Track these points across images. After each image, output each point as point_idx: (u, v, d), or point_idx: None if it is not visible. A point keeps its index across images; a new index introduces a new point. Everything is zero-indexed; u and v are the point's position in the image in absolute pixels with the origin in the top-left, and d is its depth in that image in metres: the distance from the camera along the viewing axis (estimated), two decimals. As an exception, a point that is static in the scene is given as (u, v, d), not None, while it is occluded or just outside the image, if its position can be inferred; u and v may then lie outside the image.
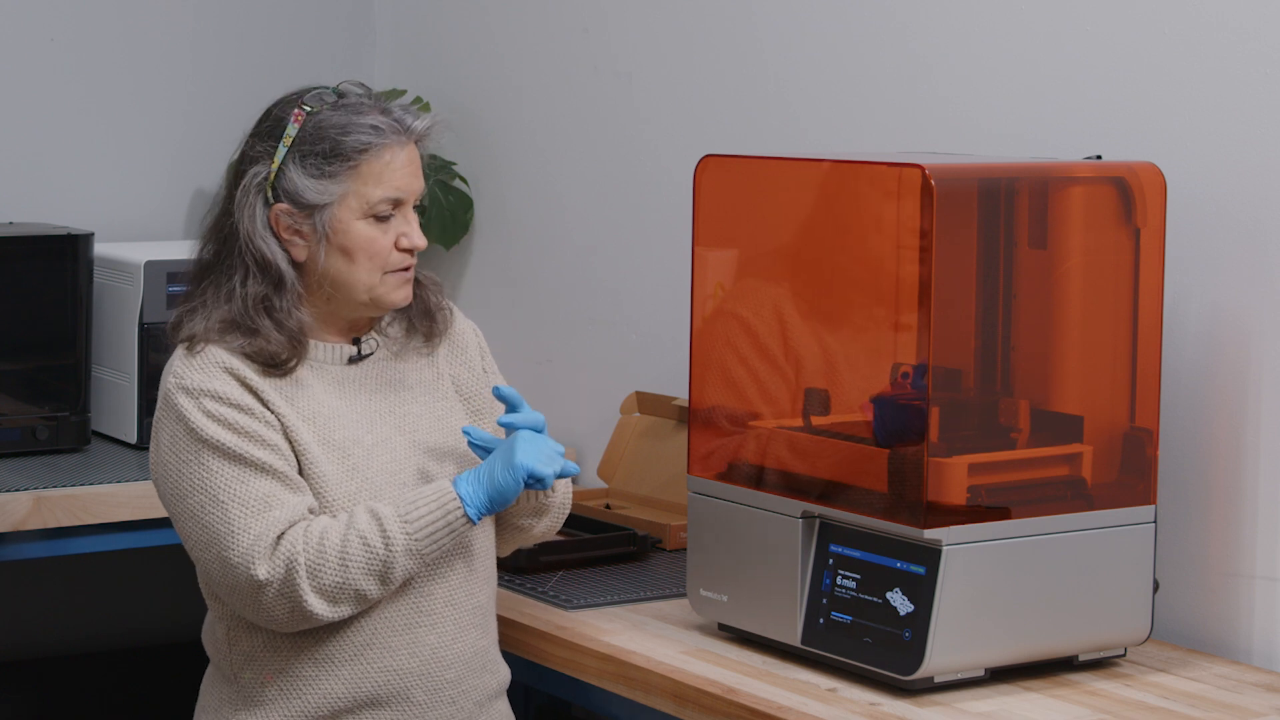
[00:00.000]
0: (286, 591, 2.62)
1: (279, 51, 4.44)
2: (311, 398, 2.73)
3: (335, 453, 2.71)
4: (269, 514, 2.63)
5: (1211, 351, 2.93)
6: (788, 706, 2.63)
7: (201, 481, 2.65)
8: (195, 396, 2.67)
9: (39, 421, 3.74)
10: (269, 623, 2.66)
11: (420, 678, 2.74)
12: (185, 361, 2.70)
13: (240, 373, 2.68)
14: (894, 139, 3.35)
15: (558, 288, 4.09)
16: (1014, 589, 2.71)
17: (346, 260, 2.71)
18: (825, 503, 2.79)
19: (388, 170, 2.70)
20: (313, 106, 2.72)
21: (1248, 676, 2.81)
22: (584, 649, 2.90)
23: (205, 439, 2.65)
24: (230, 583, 2.63)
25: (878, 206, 2.79)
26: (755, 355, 2.94)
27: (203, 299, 2.73)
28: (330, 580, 2.63)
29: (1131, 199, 2.82)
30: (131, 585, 4.39)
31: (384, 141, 2.69)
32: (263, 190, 2.71)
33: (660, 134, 3.83)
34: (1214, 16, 2.90)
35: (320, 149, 2.69)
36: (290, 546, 2.62)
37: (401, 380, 2.82)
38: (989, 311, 2.80)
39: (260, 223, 2.71)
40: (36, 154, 4.19)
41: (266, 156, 2.72)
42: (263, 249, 2.70)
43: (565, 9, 4.03)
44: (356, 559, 2.63)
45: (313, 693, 2.71)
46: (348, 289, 2.72)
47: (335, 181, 2.68)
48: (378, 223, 2.71)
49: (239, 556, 2.61)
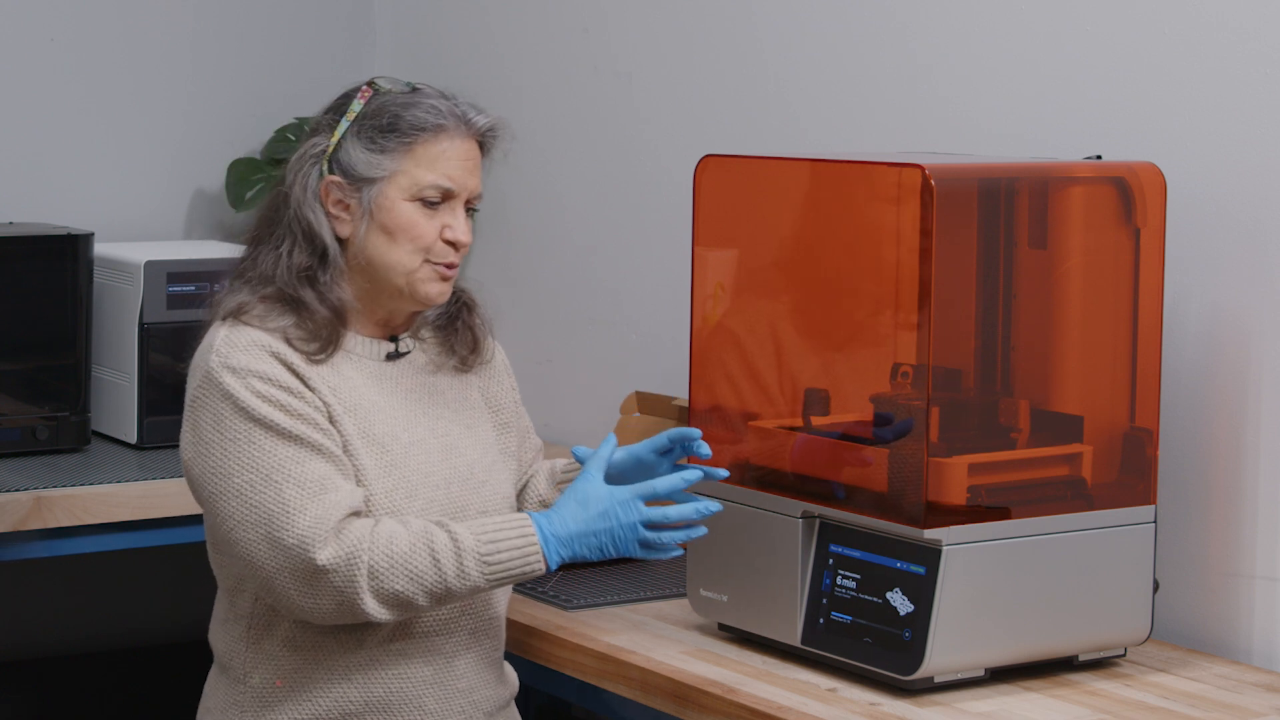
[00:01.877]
0: (342, 585, 2.57)
1: (279, 51, 4.44)
2: (353, 389, 2.70)
3: (375, 447, 2.69)
4: (325, 497, 2.59)
5: (1211, 351, 2.93)
6: (788, 706, 2.63)
7: (251, 460, 2.60)
8: (242, 376, 2.62)
9: (39, 421, 3.74)
10: (308, 611, 2.60)
11: (433, 685, 2.72)
12: (228, 342, 2.65)
13: (286, 357, 2.65)
14: (894, 139, 3.35)
15: (558, 288, 4.09)
16: (1014, 589, 2.71)
17: (388, 239, 2.68)
18: (825, 503, 2.79)
19: (442, 157, 2.69)
20: (382, 88, 2.72)
21: (1248, 676, 2.81)
22: (584, 649, 2.90)
23: (257, 417, 2.60)
24: (279, 565, 2.57)
25: (878, 206, 2.79)
26: (755, 355, 2.94)
27: (247, 275, 2.72)
28: (390, 587, 2.58)
29: (1131, 199, 2.82)
30: (131, 585, 4.39)
31: (443, 124, 2.68)
32: (319, 162, 2.71)
33: (660, 134, 3.83)
34: (1214, 16, 2.90)
35: (379, 123, 2.69)
36: (356, 540, 2.57)
37: (434, 385, 2.80)
38: (989, 311, 2.80)
39: (311, 193, 2.70)
40: (36, 154, 4.19)
41: (328, 129, 2.73)
42: (309, 218, 2.69)
43: (565, 9, 4.03)
44: (423, 576, 2.58)
45: (325, 697, 2.69)
46: (385, 270, 2.69)
47: (388, 157, 2.67)
48: (425, 208, 2.69)
49: (295, 538, 2.56)
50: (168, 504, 3.55)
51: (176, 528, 3.60)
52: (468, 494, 2.75)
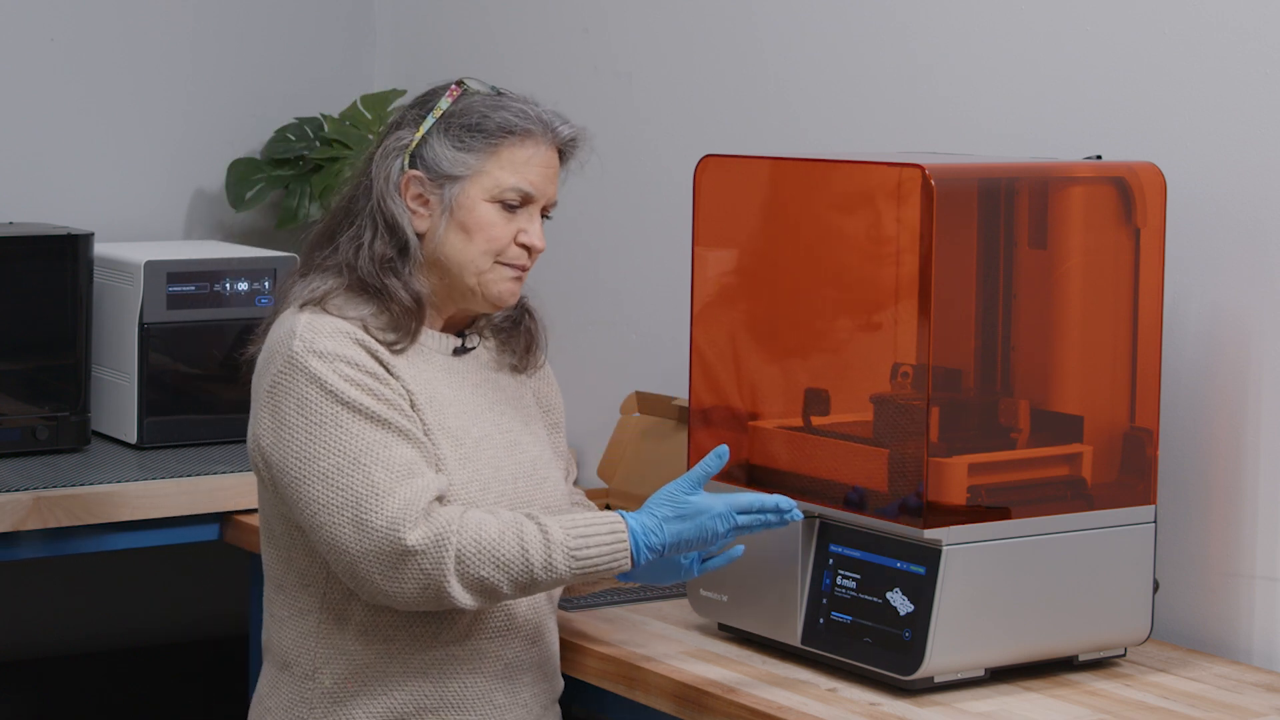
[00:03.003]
0: (429, 568, 2.57)
1: (279, 51, 4.44)
2: (429, 381, 2.72)
3: (450, 439, 2.71)
4: (413, 481, 2.60)
5: (1211, 351, 2.93)
6: (788, 706, 2.63)
7: (339, 443, 2.61)
8: (330, 360, 2.64)
9: (39, 421, 3.74)
10: (391, 596, 2.59)
11: (503, 680, 2.74)
12: (311, 328, 2.66)
13: (369, 344, 2.68)
14: (894, 139, 3.35)
15: (558, 288, 4.09)
16: (1014, 589, 2.71)
17: (464, 237, 2.70)
18: (825, 503, 2.79)
19: (526, 162, 2.71)
20: (470, 88, 2.74)
21: (1248, 676, 2.81)
22: (584, 649, 2.90)
23: (346, 401, 2.62)
24: (365, 548, 2.57)
25: (878, 207, 2.79)
26: (755, 355, 2.94)
27: (324, 264, 2.73)
28: (477, 573, 2.58)
29: (1131, 199, 2.82)
30: (131, 585, 4.39)
31: (530, 129, 2.71)
32: (402, 155, 2.72)
33: (660, 134, 3.83)
34: (1214, 16, 2.90)
35: (467, 122, 2.71)
36: (444, 524, 2.58)
37: (496, 382, 2.83)
38: (989, 311, 2.80)
39: (394, 185, 2.72)
40: (36, 154, 4.19)
41: (414, 124, 2.75)
42: (393, 209, 2.71)
43: (565, 9, 4.03)
44: (510, 564, 2.59)
45: (399, 692, 2.69)
46: (459, 268, 2.71)
47: (473, 156, 2.70)
48: (503, 210, 2.71)
49: (384, 520, 2.57)
50: (168, 504, 3.56)
51: (176, 528, 3.60)
52: (532, 489, 2.78)
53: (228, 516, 3.62)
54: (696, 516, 2.64)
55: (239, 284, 3.87)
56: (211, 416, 3.87)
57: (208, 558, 4.20)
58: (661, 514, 2.65)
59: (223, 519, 3.62)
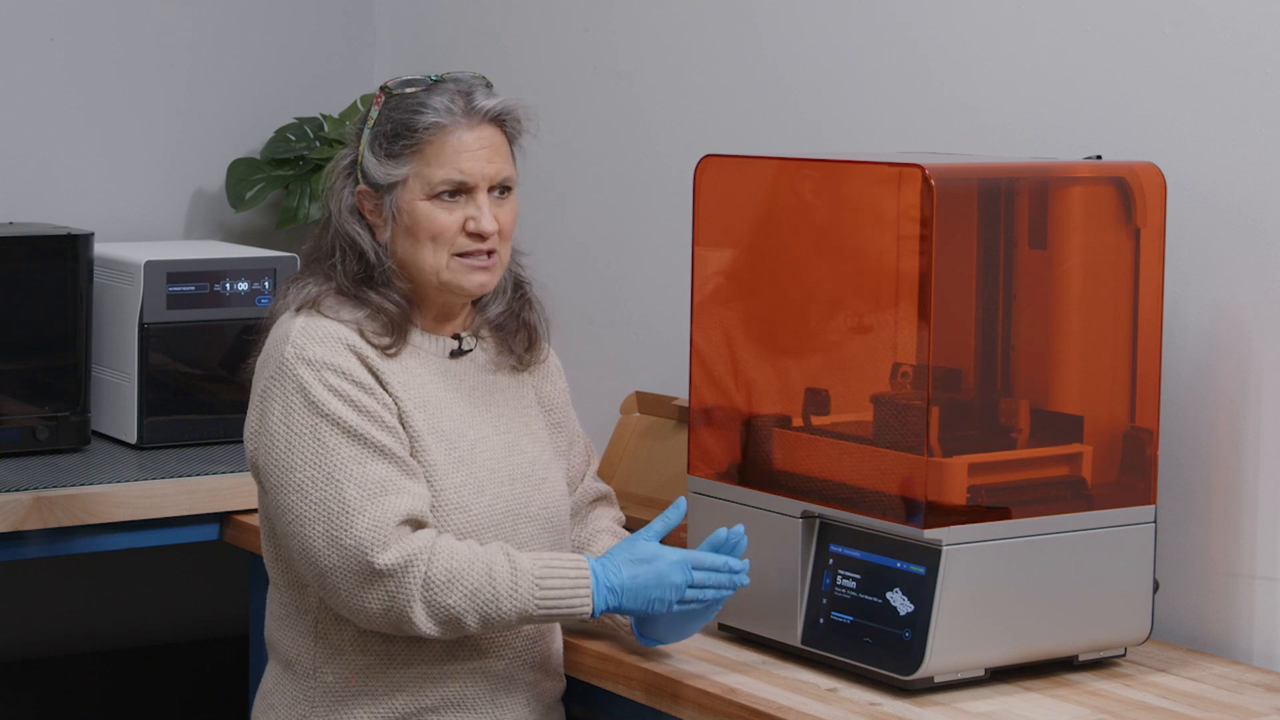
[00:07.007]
0: (395, 590, 2.58)
1: (278, 51, 4.44)
2: (422, 385, 2.73)
3: (444, 442, 2.71)
4: (385, 499, 2.60)
5: (1211, 351, 2.93)
6: (788, 706, 2.63)
7: (315, 456, 2.62)
8: (317, 369, 2.65)
9: (39, 421, 3.74)
10: (355, 612, 2.61)
11: (505, 679, 2.75)
12: (305, 333, 2.68)
13: (361, 351, 2.68)
14: (894, 138, 3.35)
15: (558, 288, 4.08)
16: (1014, 589, 2.71)
17: (412, 241, 2.71)
18: (825, 503, 2.79)
19: (455, 152, 2.70)
20: (395, 89, 2.74)
21: (1248, 676, 2.81)
22: (584, 649, 2.90)
23: (326, 413, 2.63)
24: (334, 563, 2.59)
25: (878, 206, 2.79)
26: (755, 355, 2.94)
27: (310, 276, 2.75)
28: (443, 600, 2.59)
29: (1131, 199, 2.82)
30: (131, 585, 4.39)
31: (442, 122, 2.69)
32: (351, 173, 2.74)
33: (660, 134, 3.83)
34: (1214, 16, 2.90)
35: (387, 130, 2.71)
36: (414, 549, 2.59)
37: (494, 384, 2.83)
38: (989, 311, 2.80)
39: (346, 205, 2.73)
40: (36, 154, 4.19)
41: (355, 139, 2.76)
42: (348, 230, 2.72)
43: (565, 9, 4.03)
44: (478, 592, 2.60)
45: (402, 693, 2.70)
46: (418, 270, 2.72)
47: (398, 162, 2.70)
48: (443, 204, 2.70)
49: (353, 539, 2.58)
50: (168, 504, 3.56)
51: (176, 528, 3.60)
52: (530, 490, 2.78)
53: (228, 516, 3.62)
54: (653, 561, 2.68)
55: (239, 284, 3.87)
56: (211, 416, 3.87)
57: (208, 558, 4.20)
58: (620, 558, 2.68)
59: (223, 519, 3.63)
